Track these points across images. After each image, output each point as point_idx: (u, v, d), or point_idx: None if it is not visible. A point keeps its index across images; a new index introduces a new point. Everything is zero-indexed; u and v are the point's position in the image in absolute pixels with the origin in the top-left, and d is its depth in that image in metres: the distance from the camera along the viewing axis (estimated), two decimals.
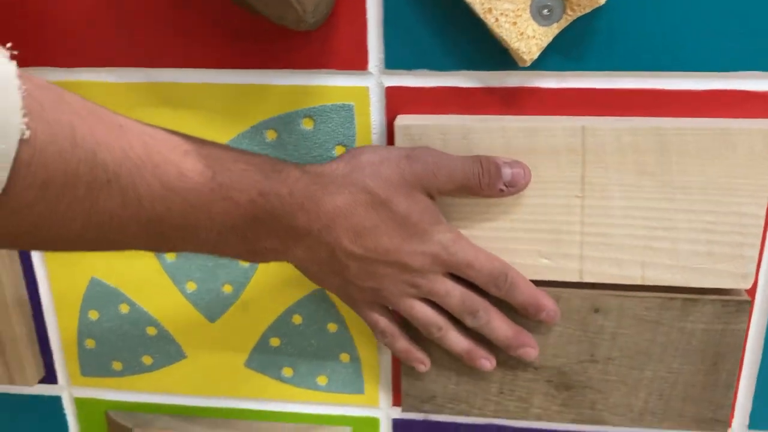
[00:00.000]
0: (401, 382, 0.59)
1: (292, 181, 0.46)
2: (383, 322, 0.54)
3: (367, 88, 0.54)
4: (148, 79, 0.56)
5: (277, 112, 0.55)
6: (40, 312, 0.65)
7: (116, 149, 0.38)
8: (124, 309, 0.63)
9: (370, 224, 0.48)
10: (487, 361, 0.55)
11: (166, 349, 0.64)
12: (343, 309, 0.61)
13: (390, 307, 0.53)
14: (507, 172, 0.50)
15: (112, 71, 0.56)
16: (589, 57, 0.50)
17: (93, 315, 0.64)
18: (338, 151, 0.56)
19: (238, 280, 0.61)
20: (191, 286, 0.62)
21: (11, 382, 0.65)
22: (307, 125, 0.55)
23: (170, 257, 0.61)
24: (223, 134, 0.56)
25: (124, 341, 0.64)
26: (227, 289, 0.61)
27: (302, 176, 0.47)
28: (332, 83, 0.54)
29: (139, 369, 0.65)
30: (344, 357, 0.62)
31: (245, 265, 0.60)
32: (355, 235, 0.48)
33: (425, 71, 0.53)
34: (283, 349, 0.63)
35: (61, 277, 0.63)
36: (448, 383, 0.59)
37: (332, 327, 0.62)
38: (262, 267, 0.60)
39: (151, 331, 0.64)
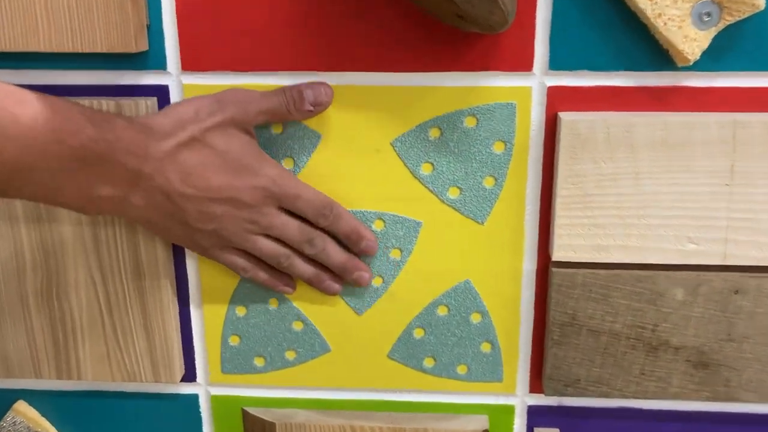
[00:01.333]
0: (545, 366, 0.63)
1: (120, 129, 0.50)
2: (240, 260, 0.59)
3: (530, 88, 0.58)
4: (326, 81, 0.60)
5: (442, 112, 0.59)
6: (187, 308, 0.66)
7: None
8: (273, 304, 0.66)
9: (196, 162, 0.53)
10: (334, 284, 0.62)
11: (310, 343, 0.67)
12: (488, 299, 0.64)
13: (238, 247, 0.58)
14: (309, 93, 0.57)
15: (282, 75, 0.60)
16: (738, 57, 0.56)
17: (241, 311, 0.66)
18: (497, 147, 0.60)
19: (388, 272, 0.64)
20: None
21: (156, 379, 0.66)
22: (469, 123, 0.59)
23: None
24: (388, 133, 0.61)
25: (269, 337, 0.67)
26: (377, 281, 0.65)
27: (129, 126, 0.51)
28: (497, 84, 0.59)
29: (281, 364, 0.68)
30: (485, 346, 0.66)
31: (396, 257, 0.64)
32: (185, 175, 0.53)
33: (586, 72, 0.58)
34: (427, 340, 0.66)
35: (211, 272, 0.65)
36: (591, 366, 0.63)
37: (476, 317, 0.65)
38: (412, 260, 0.64)
39: (298, 325, 0.66)
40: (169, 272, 0.64)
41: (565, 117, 0.56)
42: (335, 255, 0.60)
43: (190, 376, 0.69)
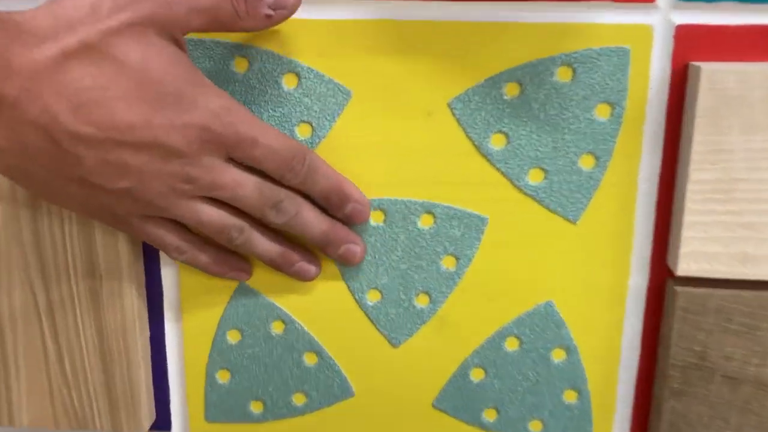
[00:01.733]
0: (657, 426, 0.44)
1: None
2: (170, 236, 0.41)
3: (650, 27, 0.40)
4: (358, 14, 0.43)
5: (524, 60, 0.42)
6: (161, 330, 0.48)
7: None
8: (277, 328, 0.47)
9: (94, 84, 0.34)
10: (309, 266, 0.44)
11: (327, 384, 0.48)
12: (576, 328, 0.45)
13: (167, 217, 0.39)
14: None
15: (311, 4, 0.41)
16: None
17: (233, 336, 0.47)
18: (600, 112, 0.41)
19: (437, 289, 0.45)
20: (374, 296, 0.46)
21: (116, 428, 0.47)
22: (563, 77, 0.41)
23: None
24: (445, 89, 0.44)
25: (271, 373, 0.48)
26: (422, 300, 0.46)
27: None
28: (602, 20, 0.40)
29: (286, 411, 0.49)
30: (569, 395, 0.47)
31: (450, 267, 0.45)
32: (75, 103, 0.34)
33: (729, 3, 0.39)
34: (488, 384, 0.47)
35: (196, 280, 0.46)
36: (725, 428, 0.43)
37: (558, 354, 0.46)
38: (472, 272, 0.45)
39: (310, 358, 0.47)
40: (137, 278, 0.46)
41: (707, 68, 0.38)
42: (314, 222, 0.42)
43: (162, 423, 0.51)
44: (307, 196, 0.42)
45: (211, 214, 0.39)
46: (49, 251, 0.46)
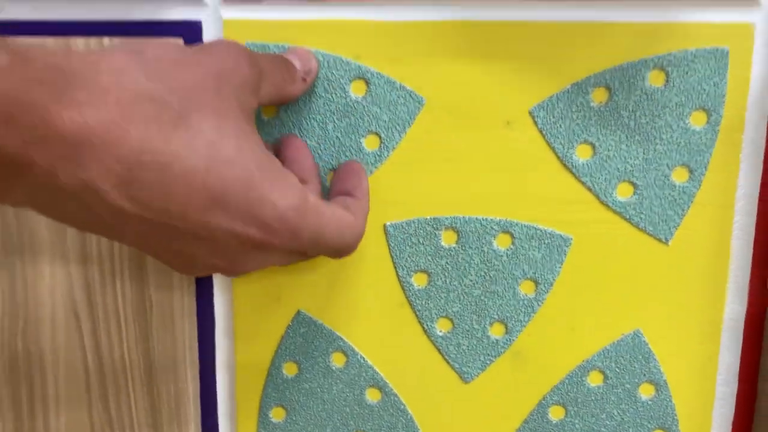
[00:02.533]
0: None
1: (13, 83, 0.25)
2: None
3: (751, 26, 0.37)
4: (435, 16, 0.40)
5: (612, 63, 0.38)
6: (211, 363, 0.44)
7: None
8: (337, 360, 0.43)
9: (154, 161, 0.28)
10: None
11: (391, 423, 0.44)
12: (667, 361, 0.41)
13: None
14: (297, 62, 0.38)
15: (359, 6, 0.39)
16: None
17: (290, 369, 0.43)
18: (696, 120, 0.38)
19: (514, 317, 0.41)
20: (444, 325, 0.42)
21: None
22: (655, 81, 0.38)
23: (419, 282, 0.41)
24: (526, 96, 0.41)
25: (330, 411, 0.44)
26: (497, 330, 0.42)
27: (15, 67, 0.25)
28: (698, 19, 0.37)
29: None
30: None
31: (529, 293, 0.41)
32: (126, 179, 0.28)
33: None
34: (569, 424, 0.43)
35: (249, 307, 0.42)
36: None
37: (647, 390, 0.42)
38: (553, 298, 0.41)
39: (373, 394, 0.43)
40: (188, 310, 0.42)
41: None
42: None
43: None
44: None
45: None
46: (98, 282, 0.42)
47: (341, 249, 0.35)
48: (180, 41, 0.40)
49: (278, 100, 0.37)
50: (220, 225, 0.30)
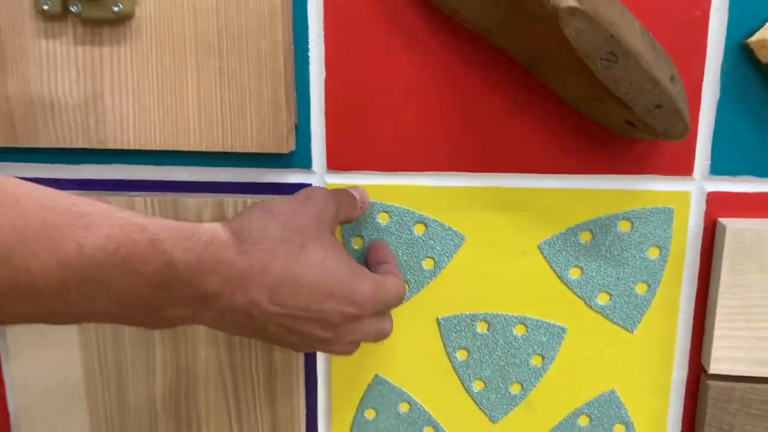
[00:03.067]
0: None
1: (201, 247, 0.42)
2: (356, 345, 0.53)
3: (689, 193, 0.56)
4: (473, 183, 0.59)
5: (596, 215, 0.57)
6: (314, 409, 0.64)
7: (8, 229, 0.35)
8: (403, 408, 0.63)
9: (289, 280, 0.46)
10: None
11: None
12: (633, 409, 0.61)
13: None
14: (356, 194, 0.57)
15: (429, 175, 0.59)
16: None
17: (370, 414, 0.63)
18: (652, 252, 0.57)
19: (528, 380, 0.61)
20: (479, 385, 0.62)
21: None
22: (623, 227, 0.57)
23: (461, 356, 0.61)
24: (536, 235, 0.59)
25: None
26: (515, 388, 0.62)
27: (213, 240, 0.43)
28: (654, 188, 0.57)
29: None
30: None
31: (537, 363, 0.61)
32: (274, 293, 0.45)
33: (749, 177, 0.55)
34: None
35: (343, 373, 0.63)
36: None
37: (619, 429, 0.62)
38: (554, 367, 0.61)
39: (428, 431, 0.63)
40: (301, 374, 0.62)
41: (730, 225, 0.54)
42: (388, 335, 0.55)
43: None
44: None
45: (344, 350, 0.52)
46: (237, 353, 0.62)
47: (400, 299, 0.53)
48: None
49: (346, 221, 0.56)
50: (331, 308, 0.49)
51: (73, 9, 0.54)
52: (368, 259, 0.59)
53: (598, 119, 0.52)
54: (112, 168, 0.60)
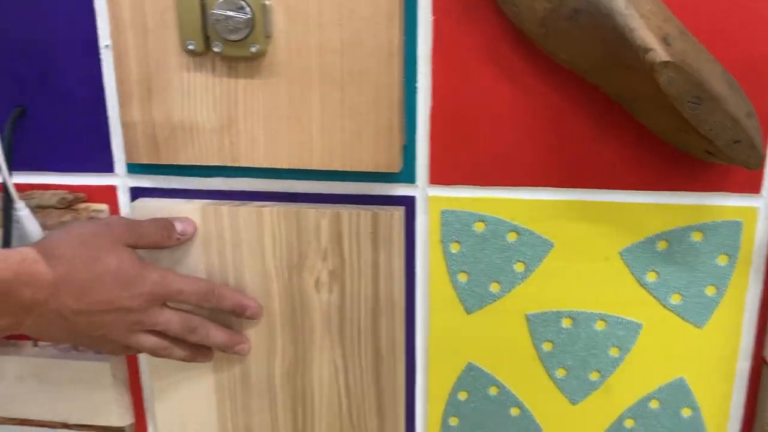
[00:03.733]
0: None
1: (16, 265, 0.53)
2: (148, 342, 0.63)
3: (756, 208, 0.63)
4: (561, 196, 0.66)
5: (671, 226, 0.65)
6: (412, 391, 0.73)
7: None
8: (493, 391, 0.72)
9: (90, 281, 0.57)
10: (245, 345, 0.70)
11: (525, 429, 0.72)
12: (700, 395, 0.69)
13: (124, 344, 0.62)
14: (178, 225, 0.66)
15: (524, 190, 0.66)
16: None
17: (462, 395, 0.72)
18: (721, 260, 0.65)
19: (606, 368, 0.69)
20: (561, 373, 0.70)
21: None
22: (696, 238, 0.64)
23: (547, 347, 0.70)
24: (618, 243, 0.66)
25: (487, 420, 0.73)
26: (594, 375, 0.70)
27: (24, 259, 0.54)
28: (725, 203, 0.64)
29: None
30: None
31: (615, 354, 0.69)
32: (79, 294, 0.56)
33: None
34: (636, 431, 0.71)
35: (439, 361, 0.71)
36: None
37: (687, 412, 0.70)
38: (630, 357, 0.69)
39: (515, 411, 0.72)
40: (403, 358, 0.71)
41: None
42: (217, 338, 0.66)
43: None
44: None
45: (148, 341, 0.62)
46: (348, 336, 0.71)
47: (197, 292, 0.65)
48: (402, 209, 0.67)
49: (155, 247, 0.65)
50: (127, 295, 0.60)
51: (215, 49, 0.61)
52: None
53: (679, 146, 0.60)
54: (242, 181, 0.69)
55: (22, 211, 0.65)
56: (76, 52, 0.66)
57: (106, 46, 0.66)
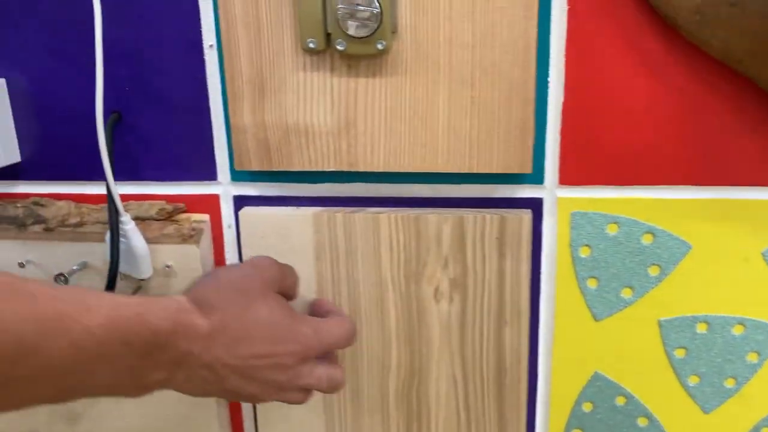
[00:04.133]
0: None
1: (174, 315, 0.50)
2: (295, 398, 0.59)
3: None
4: (700, 195, 0.62)
5: None
6: (533, 403, 0.69)
7: (29, 321, 0.42)
8: (620, 401, 0.68)
9: (242, 333, 0.53)
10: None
11: None
12: None
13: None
14: None
15: (660, 189, 0.62)
16: None
17: (587, 407, 0.68)
18: None
19: (743, 374, 0.66)
20: (694, 380, 0.66)
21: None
22: None
23: (679, 354, 0.66)
24: (759, 243, 0.63)
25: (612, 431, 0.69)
26: (729, 383, 0.66)
27: (181, 309, 0.52)
28: None
29: None
30: None
31: (753, 360, 0.65)
32: (231, 346, 0.53)
33: None
34: None
35: (562, 371, 0.67)
36: None
37: None
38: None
39: (643, 421, 0.68)
40: (526, 372, 0.67)
41: None
42: (341, 386, 0.62)
43: None
44: None
45: (297, 398, 0.59)
46: (469, 348, 0.67)
47: (347, 337, 0.61)
48: (530, 212, 0.63)
49: (287, 296, 0.61)
50: (280, 351, 0.56)
51: (338, 47, 0.57)
52: (314, 314, 0.65)
53: None
54: (351, 186, 0.65)
55: (129, 224, 0.61)
56: (176, 52, 0.62)
57: (211, 45, 0.61)
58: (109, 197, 0.61)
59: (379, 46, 0.57)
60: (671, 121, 0.59)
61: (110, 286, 0.61)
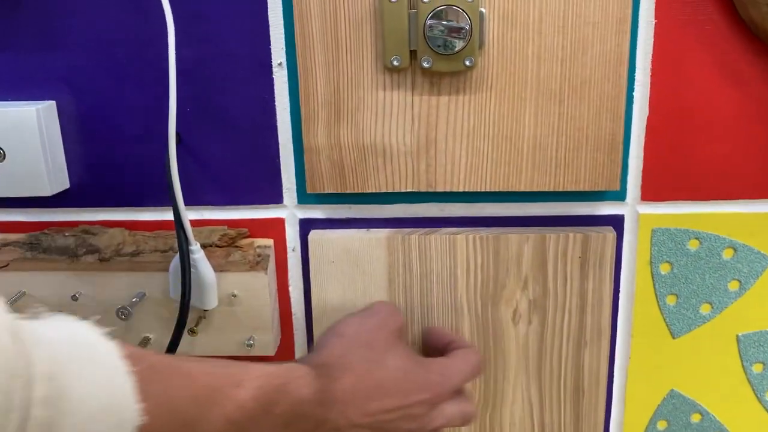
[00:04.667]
0: None
1: (312, 383, 0.50)
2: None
3: None
4: None
5: None
6: (607, 424, 0.68)
7: (187, 399, 0.43)
8: (695, 418, 0.67)
9: (373, 390, 0.52)
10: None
11: None
12: None
13: None
14: None
15: (744, 203, 0.62)
16: None
17: (662, 425, 0.67)
18: None
19: None
20: None
21: None
22: None
23: (757, 369, 0.65)
24: None
25: None
26: None
27: (317, 376, 0.50)
28: None
29: None
30: None
31: None
32: (362, 405, 0.51)
33: None
34: None
35: (637, 390, 0.66)
36: None
37: None
38: None
39: None
40: (605, 392, 0.65)
41: None
42: (474, 418, 0.61)
43: None
44: None
45: None
46: (546, 371, 0.65)
47: (474, 368, 0.58)
48: (612, 229, 0.62)
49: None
50: (411, 402, 0.53)
51: (425, 64, 0.55)
52: (430, 345, 0.63)
53: None
54: (426, 207, 0.63)
55: (198, 253, 0.58)
56: (242, 71, 0.59)
57: (280, 63, 0.58)
58: (177, 225, 0.57)
59: (467, 63, 0.55)
60: (754, 134, 0.59)
61: (181, 320, 0.57)
